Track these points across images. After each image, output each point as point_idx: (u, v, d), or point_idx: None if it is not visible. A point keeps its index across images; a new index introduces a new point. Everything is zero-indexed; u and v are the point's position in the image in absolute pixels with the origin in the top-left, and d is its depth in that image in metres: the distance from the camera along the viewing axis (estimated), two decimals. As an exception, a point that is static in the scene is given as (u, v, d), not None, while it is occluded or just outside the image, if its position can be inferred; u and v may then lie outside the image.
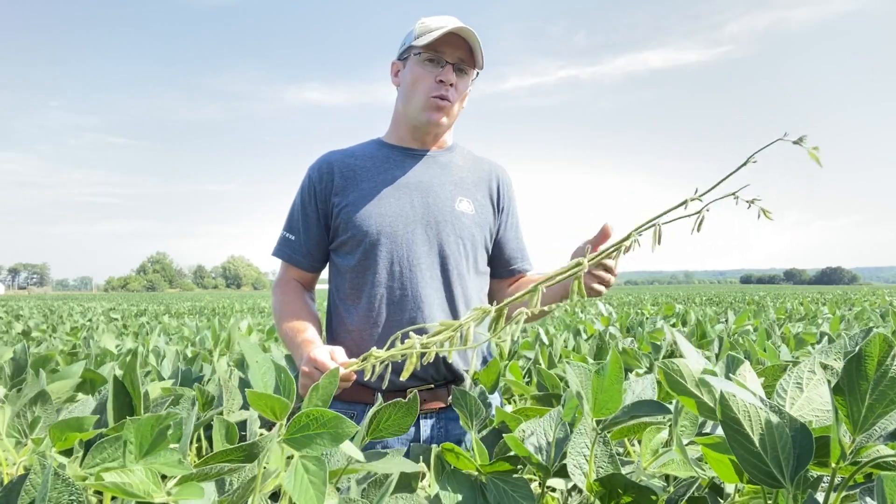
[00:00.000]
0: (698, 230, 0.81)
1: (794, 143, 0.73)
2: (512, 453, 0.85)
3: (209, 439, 1.57)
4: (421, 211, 1.46)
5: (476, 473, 0.85)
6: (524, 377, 2.15)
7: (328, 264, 1.58)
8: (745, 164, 0.76)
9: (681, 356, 0.79)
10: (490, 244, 1.58)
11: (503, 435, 0.84)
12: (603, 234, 1.20)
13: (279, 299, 1.53)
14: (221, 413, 1.50)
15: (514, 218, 1.64)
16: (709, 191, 0.80)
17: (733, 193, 0.79)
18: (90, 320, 9.16)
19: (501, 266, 1.62)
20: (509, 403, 1.88)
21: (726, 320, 4.95)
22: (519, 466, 0.86)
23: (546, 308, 0.89)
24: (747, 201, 0.79)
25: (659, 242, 0.82)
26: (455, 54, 1.44)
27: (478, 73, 1.51)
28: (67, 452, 0.73)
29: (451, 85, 1.44)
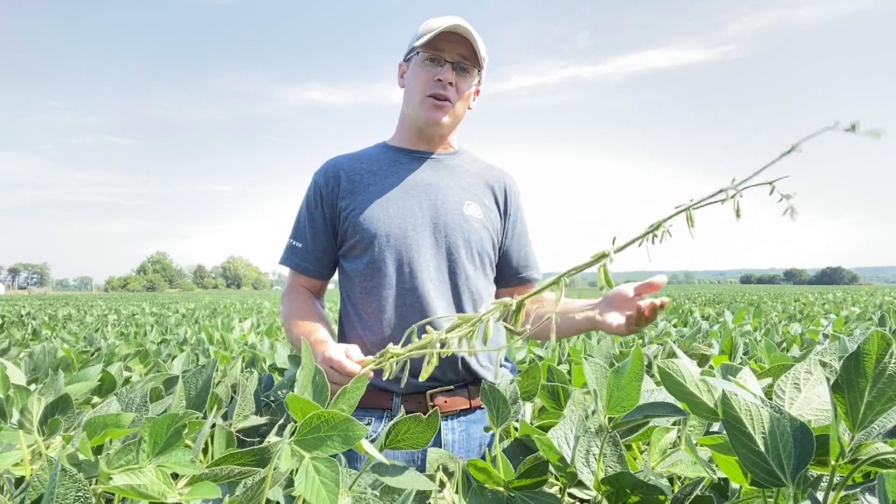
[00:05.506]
0: (737, 217, 0.76)
1: (847, 130, 0.68)
2: (538, 463, 0.84)
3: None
4: (429, 213, 1.46)
5: (503, 489, 0.84)
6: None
7: (338, 270, 1.57)
8: (789, 151, 0.70)
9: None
10: (497, 250, 1.57)
11: (535, 439, 0.83)
12: (649, 286, 1.20)
13: (288, 306, 1.52)
14: (225, 417, 1.51)
15: (522, 226, 1.63)
16: (745, 180, 0.72)
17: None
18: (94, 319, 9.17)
19: (508, 275, 1.61)
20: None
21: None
22: (546, 475, 0.85)
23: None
24: (783, 195, 0.73)
25: (692, 225, 0.75)
26: (454, 53, 1.43)
27: (480, 71, 1.49)
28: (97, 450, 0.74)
29: (449, 84, 1.43)
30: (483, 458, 0.90)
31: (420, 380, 0.86)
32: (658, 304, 1.17)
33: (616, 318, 1.23)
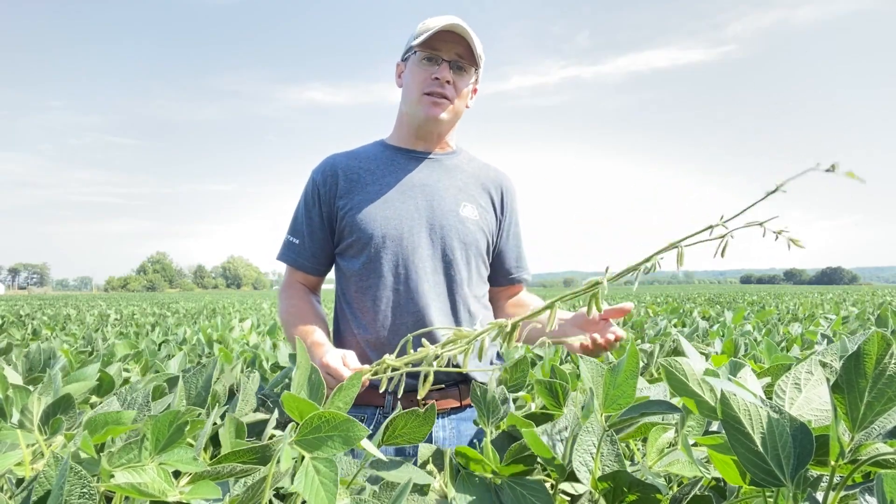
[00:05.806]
0: (722, 255, 0.79)
1: (827, 171, 0.71)
2: (526, 453, 0.85)
3: (213, 440, 1.58)
4: (426, 214, 1.47)
5: (491, 476, 0.85)
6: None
7: (334, 268, 1.58)
8: (774, 191, 0.72)
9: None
10: (492, 251, 1.59)
11: (522, 431, 0.84)
12: (617, 311, 1.27)
13: (286, 304, 1.54)
14: (223, 417, 1.51)
15: (516, 227, 1.65)
16: (734, 217, 0.77)
17: (761, 223, 0.76)
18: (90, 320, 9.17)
19: (501, 275, 1.64)
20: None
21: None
22: (535, 466, 0.86)
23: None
24: (775, 232, 0.75)
25: (682, 264, 0.79)
26: (452, 52, 1.44)
27: (477, 70, 1.50)
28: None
29: (447, 82, 1.44)
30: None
31: (418, 397, 0.90)
32: (614, 339, 1.26)
33: (578, 339, 1.30)
